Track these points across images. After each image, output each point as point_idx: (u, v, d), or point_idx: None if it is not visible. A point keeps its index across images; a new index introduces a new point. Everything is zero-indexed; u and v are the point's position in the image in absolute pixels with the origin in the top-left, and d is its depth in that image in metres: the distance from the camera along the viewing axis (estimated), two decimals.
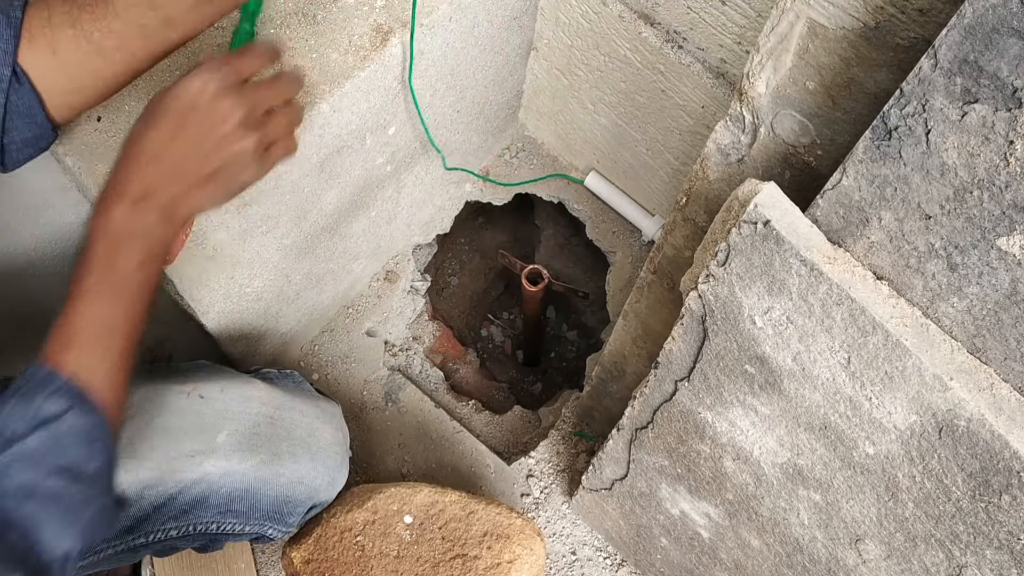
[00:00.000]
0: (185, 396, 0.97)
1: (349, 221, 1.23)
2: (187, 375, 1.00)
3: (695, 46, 1.12)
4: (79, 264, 0.74)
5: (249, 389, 1.01)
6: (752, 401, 0.77)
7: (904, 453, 0.67)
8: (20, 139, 0.78)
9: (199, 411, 0.97)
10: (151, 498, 0.91)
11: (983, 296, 0.58)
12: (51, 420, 0.67)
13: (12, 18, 0.75)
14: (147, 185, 0.73)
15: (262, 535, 1.02)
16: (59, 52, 0.77)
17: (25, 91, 0.76)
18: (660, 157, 1.34)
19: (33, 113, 0.78)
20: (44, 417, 0.67)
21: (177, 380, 0.98)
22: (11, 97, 0.76)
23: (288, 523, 1.02)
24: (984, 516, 0.65)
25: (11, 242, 1.20)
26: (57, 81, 0.78)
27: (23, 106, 0.77)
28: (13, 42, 0.75)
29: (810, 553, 0.86)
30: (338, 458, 1.06)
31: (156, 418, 0.94)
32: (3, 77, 0.74)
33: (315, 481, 1.02)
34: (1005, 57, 0.47)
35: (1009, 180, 0.51)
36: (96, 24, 0.77)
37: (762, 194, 0.64)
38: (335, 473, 1.05)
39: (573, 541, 1.34)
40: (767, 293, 0.67)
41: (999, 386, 0.61)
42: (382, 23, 1.03)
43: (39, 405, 0.67)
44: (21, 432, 0.66)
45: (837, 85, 0.63)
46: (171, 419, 0.95)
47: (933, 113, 0.52)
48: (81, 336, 0.71)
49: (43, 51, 0.76)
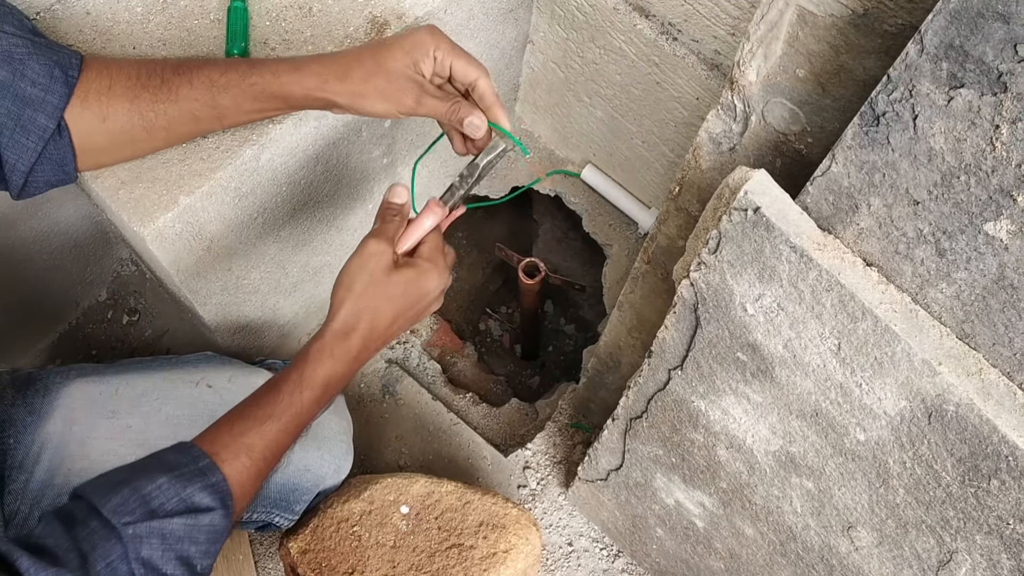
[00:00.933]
0: (194, 386, 0.98)
1: (346, 214, 1.23)
2: (195, 366, 1.01)
3: (689, 38, 1.13)
4: (279, 379, 0.78)
5: (256, 379, 1.02)
6: (744, 389, 0.77)
7: (894, 439, 0.67)
8: (43, 180, 0.81)
9: (208, 401, 0.97)
10: None
11: (971, 281, 0.58)
12: (198, 512, 0.69)
13: (69, 77, 0.78)
14: (362, 349, 0.80)
15: (269, 523, 1.03)
16: (108, 120, 0.80)
17: (63, 144, 0.79)
18: (656, 149, 1.34)
19: (65, 163, 0.80)
20: (194, 506, 0.69)
21: (185, 371, 1.00)
22: (48, 146, 0.78)
23: (294, 511, 1.04)
24: (974, 501, 0.65)
25: (9, 236, 1.20)
26: (97, 143, 0.81)
27: (57, 156, 0.79)
28: (65, 100, 0.77)
29: (803, 541, 0.86)
30: (343, 446, 1.07)
31: (164, 407, 0.95)
32: (47, 129, 0.77)
33: (321, 469, 1.03)
34: (990, 41, 0.47)
35: (995, 165, 0.51)
36: (154, 106, 0.80)
37: (752, 181, 0.64)
38: (340, 461, 1.06)
39: (569, 532, 1.35)
40: (758, 280, 0.68)
41: (987, 371, 0.61)
42: (377, 15, 1.04)
43: (192, 493, 0.69)
44: (168, 510, 0.67)
45: (827, 72, 0.63)
46: (181, 409, 0.95)
47: (920, 98, 0.52)
48: (248, 446, 0.74)
49: (93, 116, 0.79)
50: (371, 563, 1.05)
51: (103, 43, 0.95)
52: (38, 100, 0.75)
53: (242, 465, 0.73)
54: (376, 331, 0.80)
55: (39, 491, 0.87)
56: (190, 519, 0.68)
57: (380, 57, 0.79)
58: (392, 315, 0.80)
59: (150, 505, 0.66)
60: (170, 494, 0.67)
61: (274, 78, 0.80)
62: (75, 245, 1.32)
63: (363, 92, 0.79)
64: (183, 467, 0.70)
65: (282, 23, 1.01)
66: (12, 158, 0.76)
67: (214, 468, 0.71)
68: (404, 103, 0.79)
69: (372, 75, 0.79)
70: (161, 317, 1.46)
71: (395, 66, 0.78)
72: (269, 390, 0.77)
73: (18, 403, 0.90)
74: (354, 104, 0.80)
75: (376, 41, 0.82)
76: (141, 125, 0.81)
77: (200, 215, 0.94)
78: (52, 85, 0.76)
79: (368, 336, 0.79)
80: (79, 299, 1.42)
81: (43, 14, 0.95)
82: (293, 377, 0.77)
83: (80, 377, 0.94)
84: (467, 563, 1.05)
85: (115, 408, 0.93)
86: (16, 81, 0.74)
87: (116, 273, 1.45)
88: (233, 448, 0.73)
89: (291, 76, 0.80)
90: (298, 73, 0.80)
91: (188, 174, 0.91)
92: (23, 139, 0.76)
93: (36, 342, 1.40)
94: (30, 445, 0.88)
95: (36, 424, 0.89)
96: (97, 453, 0.89)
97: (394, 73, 0.78)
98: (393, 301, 0.79)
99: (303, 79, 0.80)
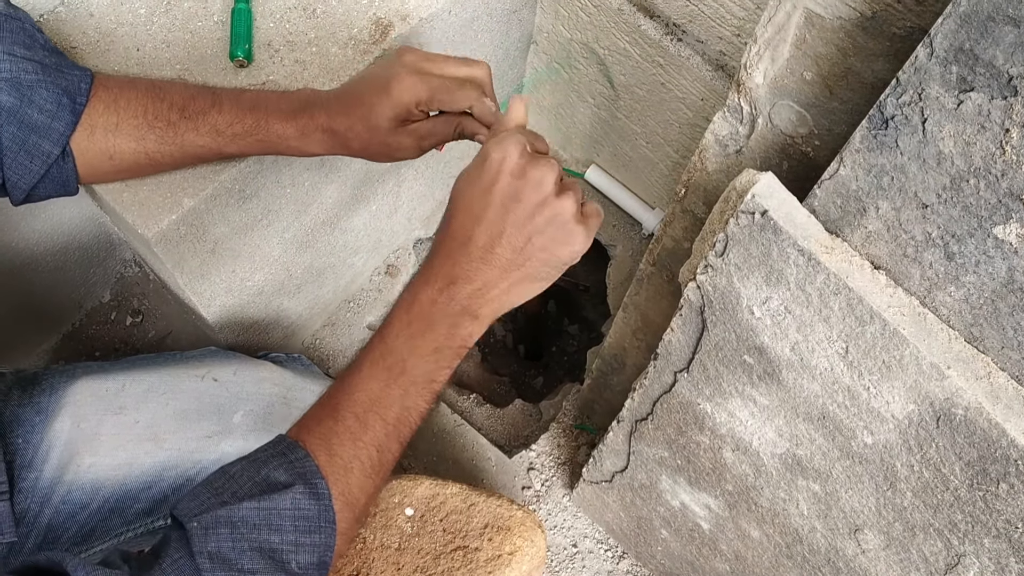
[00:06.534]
0: (199, 379, 0.98)
1: (350, 215, 1.23)
2: (199, 360, 1.01)
3: (694, 39, 1.12)
4: (384, 323, 0.67)
5: (261, 371, 1.02)
6: (751, 392, 0.77)
7: (902, 442, 0.67)
8: (44, 193, 0.81)
9: (214, 394, 0.98)
10: (170, 480, 0.92)
11: (980, 285, 0.58)
12: (272, 492, 0.60)
13: (77, 104, 0.78)
14: (459, 271, 0.65)
15: None
16: (115, 158, 0.81)
17: (67, 167, 0.80)
18: (660, 150, 1.34)
19: (67, 183, 0.81)
20: (268, 485, 0.60)
21: (190, 365, 1.00)
22: (52, 169, 0.79)
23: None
24: (982, 505, 0.65)
25: (11, 236, 1.20)
26: (101, 171, 0.83)
27: (60, 177, 0.80)
28: (71, 127, 0.78)
29: (810, 543, 0.86)
30: None
31: (172, 401, 0.95)
32: (51, 155, 0.77)
33: None
34: (1000, 45, 0.47)
35: (1005, 168, 0.51)
36: (160, 148, 0.81)
37: (760, 184, 0.64)
38: None
39: (574, 533, 1.34)
40: (765, 283, 0.67)
41: (996, 375, 0.61)
42: (381, 16, 1.04)
43: (267, 473, 0.61)
44: (240, 494, 0.60)
45: (834, 75, 0.63)
46: (187, 402, 0.95)
47: (929, 102, 0.52)
48: (326, 409, 0.65)
49: (99, 152, 0.80)
50: (376, 565, 1.05)
51: (107, 45, 0.95)
52: (44, 127, 0.76)
53: (328, 429, 0.63)
54: (456, 239, 0.65)
55: (49, 488, 0.88)
56: (263, 501, 0.59)
57: (369, 124, 0.79)
58: (461, 214, 0.65)
59: (221, 496, 0.59)
60: (243, 479, 0.60)
61: (280, 141, 0.81)
62: (78, 247, 1.32)
63: (368, 154, 0.82)
64: (261, 452, 0.63)
65: (286, 24, 1.01)
66: (15, 178, 0.77)
67: (294, 446, 0.63)
68: (406, 155, 0.81)
69: (369, 143, 0.80)
70: (165, 319, 1.46)
71: (385, 129, 0.79)
72: (374, 337, 0.67)
73: (25, 403, 0.90)
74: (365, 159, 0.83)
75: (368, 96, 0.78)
76: (147, 162, 0.82)
77: (204, 217, 0.94)
78: (59, 112, 0.76)
79: (444, 247, 0.65)
80: (82, 301, 1.42)
81: (47, 16, 0.95)
82: (399, 315, 0.66)
83: (86, 375, 0.95)
84: (472, 565, 1.05)
85: (122, 404, 0.93)
86: (23, 107, 0.75)
87: (120, 275, 1.45)
88: (316, 416, 0.64)
89: (298, 143, 0.81)
90: (304, 140, 0.81)
91: (192, 176, 0.91)
92: (27, 162, 0.76)
93: (39, 344, 1.40)
94: (39, 444, 0.89)
95: (44, 423, 0.90)
96: (106, 449, 0.90)
97: (389, 135, 0.79)
98: (457, 207, 0.66)
99: (309, 147, 0.82)
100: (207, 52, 0.97)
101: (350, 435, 0.64)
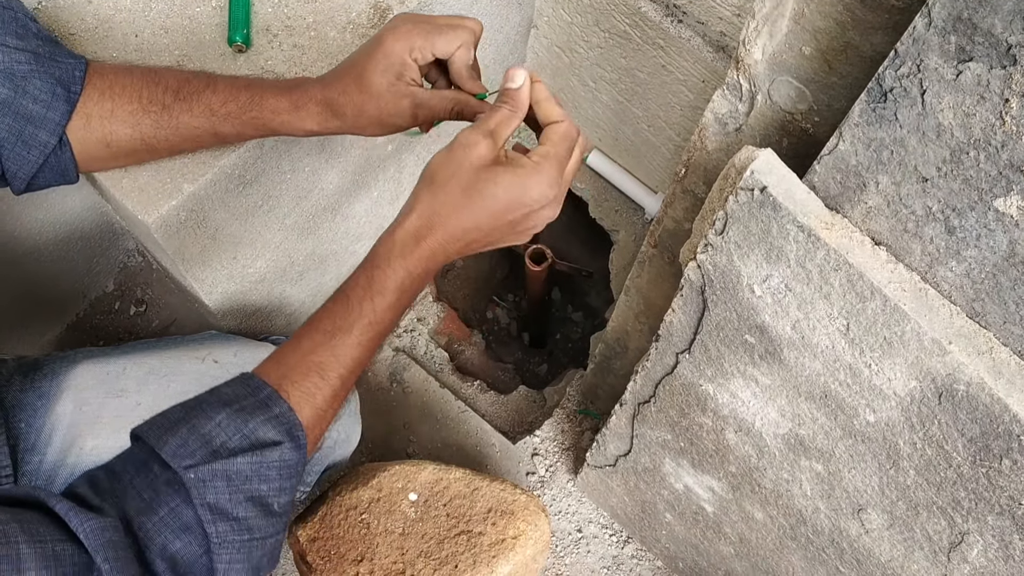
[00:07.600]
0: (200, 362, 0.98)
1: (351, 201, 1.23)
2: (200, 343, 1.02)
3: (694, 20, 1.11)
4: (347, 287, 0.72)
5: (262, 352, 1.02)
6: (752, 371, 0.77)
7: (904, 420, 0.67)
8: (44, 184, 0.82)
9: (216, 376, 0.97)
10: None
11: (981, 259, 0.57)
12: (264, 447, 0.64)
13: (71, 94, 0.78)
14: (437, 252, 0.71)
15: None
16: (112, 145, 0.81)
17: (65, 156, 0.80)
18: (662, 133, 1.33)
19: (66, 172, 0.81)
20: (258, 442, 0.64)
21: (190, 348, 1.00)
22: (50, 159, 0.79)
23: (306, 481, 1.04)
24: (985, 482, 0.65)
25: (14, 226, 1.20)
26: (99, 158, 0.83)
27: (59, 166, 0.80)
28: (66, 117, 0.78)
29: (813, 524, 0.86)
30: (351, 415, 1.07)
31: (173, 384, 0.95)
32: (48, 144, 0.77)
33: (330, 438, 1.03)
34: (999, 13, 0.46)
35: (1005, 139, 0.51)
36: (156, 132, 0.81)
37: (759, 160, 0.64)
38: (349, 430, 1.07)
39: (579, 518, 1.34)
40: (765, 261, 0.67)
41: (998, 350, 0.60)
42: (379, 0, 1.03)
43: (255, 427, 0.64)
44: (231, 448, 0.63)
45: (833, 49, 0.62)
46: (188, 384, 0.95)
47: (928, 73, 0.52)
48: (318, 364, 0.69)
49: (97, 140, 0.80)
50: (380, 550, 1.05)
51: (105, 31, 0.95)
52: (39, 117, 0.76)
53: (313, 386, 0.68)
54: (454, 237, 0.70)
55: (52, 471, 0.88)
56: (255, 456, 0.63)
57: (364, 84, 0.77)
58: (477, 221, 0.69)
59: (211, 445, 0.62)
60: (231, 431, 0.63)
61: (273, 116, 0.81)
62: (81, 236, 1.32)
63: (360, 125, 0.80)
64: (242, 399, 0.66)
65: (284, 9, 1.00)
66: (13, 168, 0.78)
67: (276, 398, 0.66)
68: (401, 124, 0.80)
69: (363, 107, 0.78)
70: (168, 307, 1.46)
71: (380, 90, 0.77)
72: (337, 300, 0.71)
73: (27, 388, 0.90)
74: (357, 133, 0.82)
75: (361, 57, 0.79)
76: (144, 148, 0.82)
77: (204, 203, 0.94)
78: (53, 102, 0.76)
79: (445, 241, 0.70)
80: (86, 290, 1.42)
81: (45, 3, 0.95)
82: (362, 283, 0.71)
83: (87, 359, 0.95)
84: (476, 549, 1.05)
85: (123, 387, 0.93)
86: (18, 99, 0.75)
87: (123, 264, 1.45)
88: (301, 369, 0.68)
89: (291, 116, 0.81)
90: (297, 113, 0.80)
91: (191, 161, 0.91)
92: (24, 152, 0.77)
93: (43, 333, 1.40)
94: (41, 427, 0.89)
95: (46, 407, 0.90)
96: (108, 431, 0.90)
97: (383, 98, 0.78)
98: (480, 205, 0.69)
99: (302, 121, 0.81)
100: (205, 37, 0.97)
101: (333, 393, 0.70)
